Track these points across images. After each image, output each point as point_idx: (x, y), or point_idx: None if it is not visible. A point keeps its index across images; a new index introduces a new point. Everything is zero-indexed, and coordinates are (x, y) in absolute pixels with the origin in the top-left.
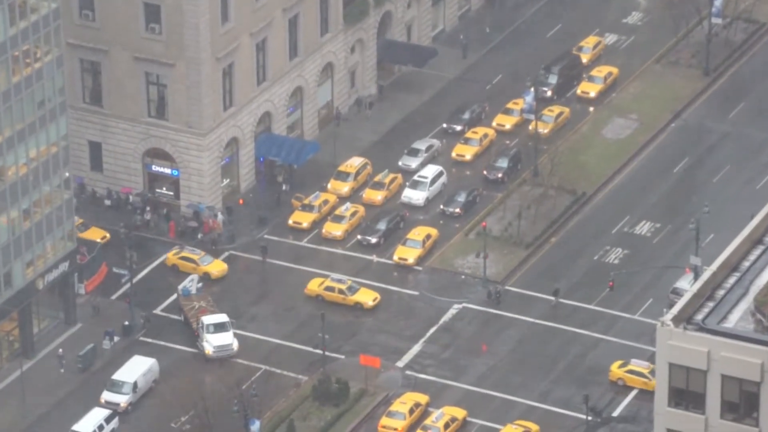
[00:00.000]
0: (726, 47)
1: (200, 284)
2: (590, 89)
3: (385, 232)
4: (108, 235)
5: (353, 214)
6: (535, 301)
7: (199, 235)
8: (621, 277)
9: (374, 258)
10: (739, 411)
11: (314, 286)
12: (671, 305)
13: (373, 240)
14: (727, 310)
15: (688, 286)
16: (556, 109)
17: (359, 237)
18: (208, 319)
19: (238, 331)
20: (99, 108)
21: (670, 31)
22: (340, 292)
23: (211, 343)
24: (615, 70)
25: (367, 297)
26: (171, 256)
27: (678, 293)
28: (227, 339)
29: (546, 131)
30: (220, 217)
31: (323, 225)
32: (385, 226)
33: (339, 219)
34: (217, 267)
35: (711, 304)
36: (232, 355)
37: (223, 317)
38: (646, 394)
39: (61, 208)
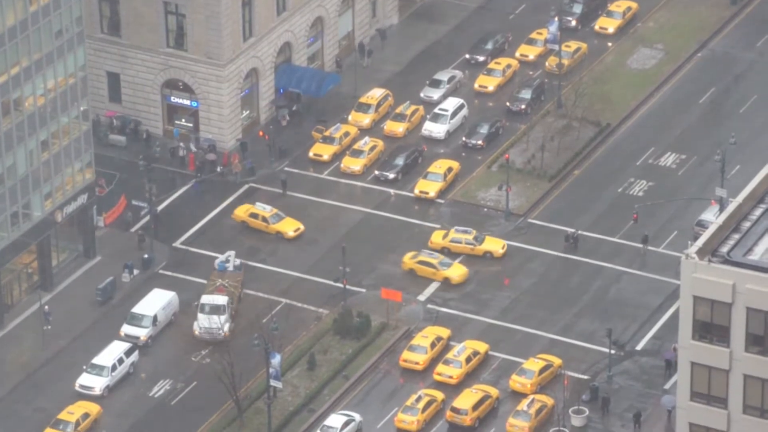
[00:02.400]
0: None
1: (238, 262)
2: (608, 25)
3: (403, 167)
4: (302, 227)
5: (372, 149)
6: (559, 234)
7: (219, 168)
8: (645, 210)
9: (392, 192)
10: (765, 344)
11: (438, 239)
12: (696, 238)
13: (391, 176)
14: (752, 242)
15: (713, 218)
16: (573, 45)
17: (377, 173)
18: (206, 299)
19: (259, 265)
20: (117, 38)
21: None
22: (468, 243)
23: (200, 323)
24: (634, 5)
25: (496, 245)
26: (408, 260)
27: (703, 225)
28: (216, 323)
29: (563, 67)
30: (203, 140)
31: (342, 159)
32: (403, 162)
33: (358, 153)
34: (457, 272)
35: (736, 236)
36: (219, 339)
37: (221, 300)
38: (668, 328)
39: (80, 140)
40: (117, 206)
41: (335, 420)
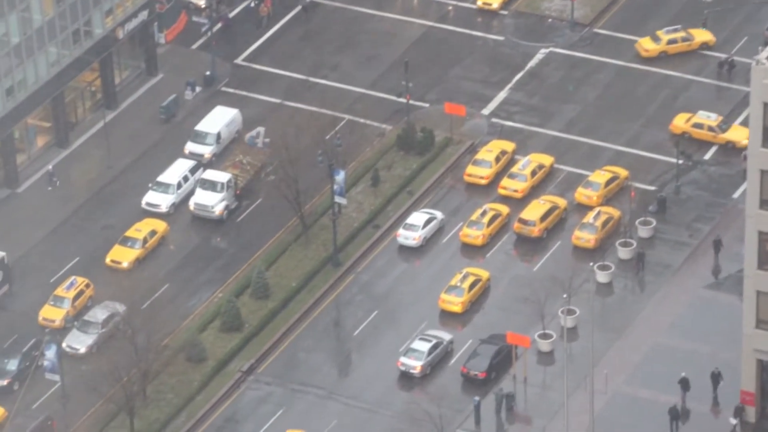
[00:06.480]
0: None
1: (267, 139)
2: None
3: None
4: None
5: None
6: (625, 43)
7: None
8: (715, 15)
9: (450, 7)
10: None
11: (680, 122)
12: (767, 43)
13: None
14: None
15: None
16: None
17: None
18: (207, 175)
19: (321, 81)
20: None
21: None
22: (710, 129)
23: (194, 198)
24: None
25: (741, 135)
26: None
27: None
28: (211, 200)
29: None
30: None
31: None
32: None
33: None
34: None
35: None
36: (213, 218)
37: (223, 177)
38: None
39: None
40: (178, 22)
41: (417, 218)
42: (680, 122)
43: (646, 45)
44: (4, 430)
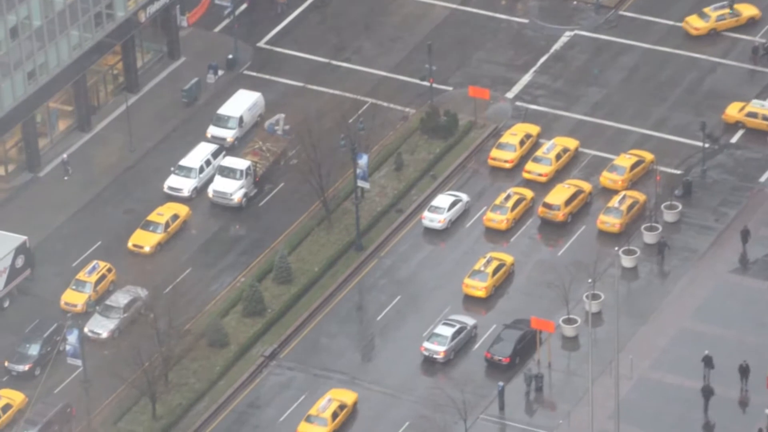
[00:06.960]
0: None
1: (287, 126)
2: None
3: None
4: None
5: None
6: (651, 25)
7: None
8: None
9: None
10: None
11: (733, 111)
12: None
13: None
14: None
15: None
16: None
17: None
18: (226, 162)
19: (344, 64)
20: None
21: None
22: (764, 117)
23: (213, 185)
24: None
25: None
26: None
27: None
28: (229, 187)
29: None
30: None
31: None
32: None
33: None
34: None
35: None
36: (232, 205)
37: (240, 164)
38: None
39: None
40: (200, 5)
41: (442, 200)
42: (733, 111)
43: (695, 23)
44: (26, 416)
